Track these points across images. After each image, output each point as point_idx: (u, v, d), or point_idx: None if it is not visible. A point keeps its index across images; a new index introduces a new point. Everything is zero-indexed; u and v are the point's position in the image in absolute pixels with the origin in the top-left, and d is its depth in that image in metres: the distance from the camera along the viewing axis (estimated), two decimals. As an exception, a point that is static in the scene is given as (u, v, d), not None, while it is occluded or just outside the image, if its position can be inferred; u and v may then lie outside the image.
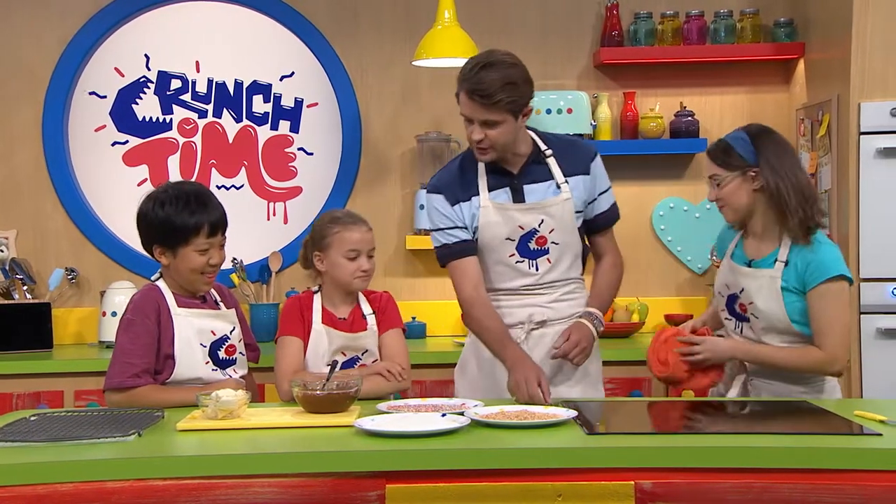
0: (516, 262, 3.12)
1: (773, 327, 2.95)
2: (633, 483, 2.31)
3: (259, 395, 3.43)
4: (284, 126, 4.75)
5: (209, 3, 4.72)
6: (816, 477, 2.29)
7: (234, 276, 4.57)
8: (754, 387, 3.02)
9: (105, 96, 4.71)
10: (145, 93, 4.73)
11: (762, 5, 4.65)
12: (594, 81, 4.71)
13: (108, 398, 2.97)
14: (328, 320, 3.15)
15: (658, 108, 4.64)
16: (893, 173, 3.99)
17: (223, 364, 3.05)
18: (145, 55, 4.71)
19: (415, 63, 4.39)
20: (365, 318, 3.18)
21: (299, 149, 4.76)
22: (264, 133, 4.75)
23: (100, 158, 4.72)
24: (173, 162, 4.74)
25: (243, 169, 4.76)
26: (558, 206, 3.09)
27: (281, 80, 4.75)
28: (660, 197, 4.73)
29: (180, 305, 3.01)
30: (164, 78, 4.72)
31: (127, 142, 4.73)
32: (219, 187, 4.71)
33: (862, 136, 4.00)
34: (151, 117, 4.73)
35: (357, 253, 3.13)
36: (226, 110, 4.75)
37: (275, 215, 4.78)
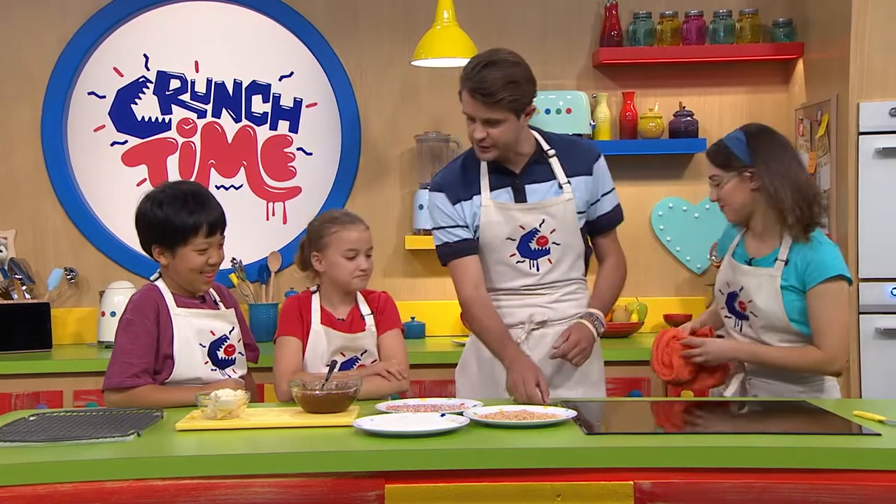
0: (517, 261, 3.11)
1: (771, 326, 2.96)
2: (633, 483, 2.31)
3: (258, 395, 3.43)
4: (283, 126, 4.75)
5: (208, 3, 4.72)
6: (816, 477, 2.29)
7: (234, 276, 4.57)
8: (752, 386, 3.03)
9: (104, 96, 4.71)
10: (144, 93, 4.73)
11: (761, 5, 4.65)
12: (593, 81, 4.71)
13: (108, 398, 2.97)
14: (327, 321, 3.15)
15: (657, 108, 4.64)
16: (892, 173, 4.00)
17: (222, 364, 3.04)
18: (144, 55, 4.71)
19: (414, 63, 4.39)
20: (363, 319, 3.18)
21: (298, 149, 4.76)
22: (263, 133, 4.75)
23: (99, 158, 4.72)
24: (172, 162, 4.74)
25: (242, 169, 4.76)
26: (560, 206, 3.08)
27: (280, 80, 4.74)
28: (659, 197, 4.73)
29: (179, 305, 3.01)
30: (163, 78, 4.72)
31: (126, 142, 4.73)
32: (218, 187, 4.71)
33: (861, 136, 4.00)
34: (150, 117, 4.73)
35: (355, 252, 3.13)
36: (225, 110, 4.75)
37: (274, 215, 4.78)
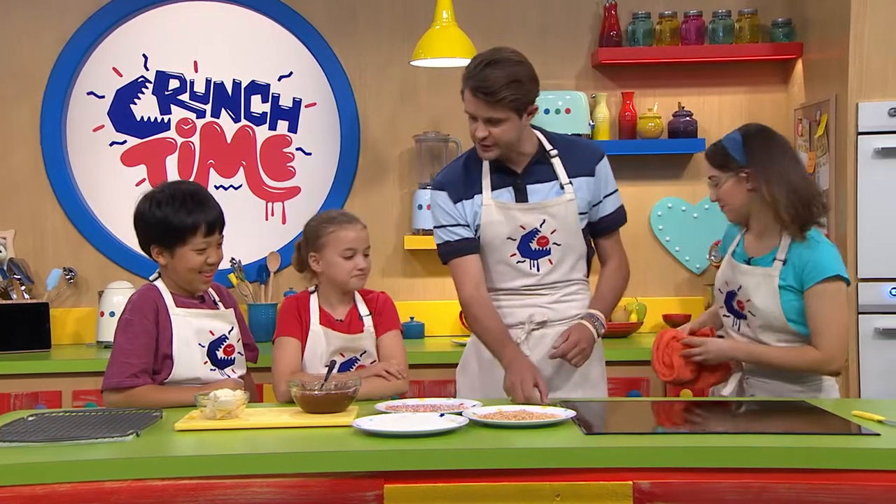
0: (517, 261, 3.11)
1: (769, 325, 2.96)
2: (632, 483, 2.31)
3: (257, 395, 3.43)
4: (283, 126, 4.75)
5: (207, 2, 4.72)
6: (815, 477, 2.29)
7: (233, 276, 4.57)
8: (750, 385, 3.03)
9: (103, 96, 4.71)
10: (143, 93, 4.73)
11: (760, 5, 4.66)
12: (592, 81, 4.72)
13: (107, 398, 2.97)
14: (325, 321, 3.14)
15: (656, 108, 4.64)
16: (891, 173, 4.00)
17: (221, 364, 3.04)
18: (143, 55, 4.71)
19: (413, 63, 4.39)
20: (362, 320, 3.17)
21: (297, 149, 4.76)
22: (262, 133, 4.75)
23: (98, 158, 4.72)
24: (171, 162, 4.74)
25: (241, 169, 4.76)
26: (561, 206, 3.08)
27: (279, 80, 4.74)
28: (658, 197, 4.73)
29: (178, 305, 3.01)
30: (163, 78, 4.72)
31: (125, 142, 4.73)
32: (217, 187, 4.71)
33: (860, 137, 4.01)
34: (149, 117, 4.73)
35: (353, 252, 3.12)
36: (224, 110, 4.75)
37: (273, 215, 4.78)
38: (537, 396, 2.84)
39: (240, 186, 4.75)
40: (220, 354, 3.04)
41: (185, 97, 4.73)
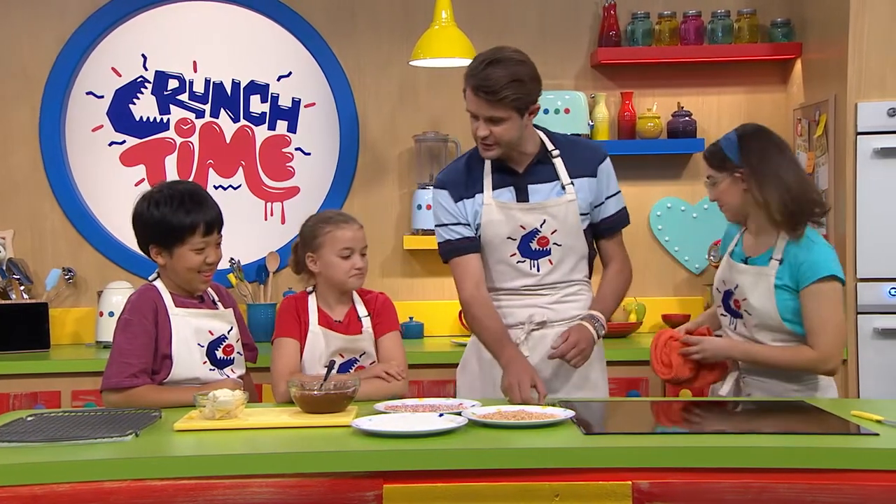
0: (517, 261, 3.10)
1: (764, 324, 2.97)
2: (631, 483, 2.30)
3: (257, 396, 3.43)
4: (282, 126, 4.75)
5: (206, 3, 4.72)
6: (814, 477, 2.29)
7: (232, 277, 4.57)
8: (747, 384, 3.04)
9: (102, 96, 4.71)
10: (142, 93, 4.72)
11: (759, 5, 4.66)
12: (592, 81, 4.71)
13: (106, 398, 2.97)
14: (324, 322, 3.14)
15: (655, 108, 4.64)
16: (890, 173, 4.00)
17: (221, 364, 3.04)
18: (142, 55, 4.71)
19: (412, 63, 4.39)
20: (360, 321, 3.17)
21: (297, 149, 4.76)
22: (262, 133, 4.75)
23: (97, 158, 4.72)
24: (170, 162, 4.73)
25: (241, 169, 4.76)
26: (561, 207, 3.07)
27: (278, 80, 4.74)
28: (657, 197, 4.73)
29: (178, 305, 3.01)
30: (162, 78, 4.72)
31: (124, 142, 4.73)
32: (216, 187, 4.71)
33: (859, 137, 4.01)
34: (149, 117, 4.73)
35: (350, 251, 3.12)
36: (223, 110, 4.75)
37: (272, 215, 4.78)
38: (535, 398, 2.84)
39: (239, 186, 4.75)
40: (219, 354, 3.04)
41: (184, 97, 4.73)
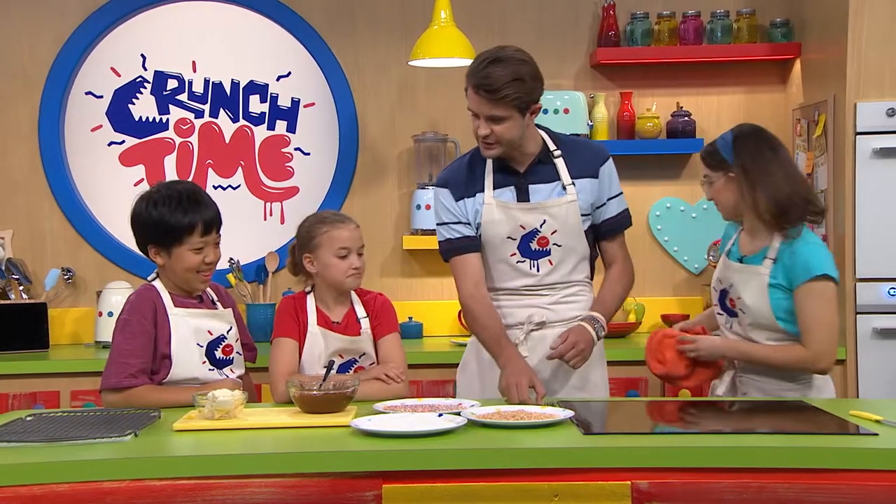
0: (517, 261, 3.10)
1: (758, 323, 2.98)
2: (630, 483, 2.30)
3: (256, 395, 3.43)
4: (281, 126, 4.75)
5: (205, 2, 4.72)
6: (813, 477, 2.29)
7: (231, 277, 4.57)
8: (742, 383, 3.05)
9: (101, 96, 4.71)
10: (142, 93, 4.72)
11: (758, 5, 4.66)
12: (591, 81, 4.72)
13: (105, 398, 2.96)
14: (323, 322, 3.14)
15: (655, 108, 4.64)
16: (889, 173, 4.00)
17: (220, 364, 3.04)
18: (142, 55, 4.71)
19: (411, 63, 4.39)
20: (359, 322, 3.16)
21: (296, 149, 4.76)
22: (261, 133, 4.75)
23: (96, 158, 4.72)
24: (170, 162, 4.73)
25: (240, 169, 4.76)
26: (562, 207, 3.06)
27: (278, 80, 4.74)
28: (656, 197, 4.73)
29: (177, 305, 3.01)
30: (161, 78, 4.72)
31: (123, 142, 4.73)
32: (215, 187, 4.71)
33: (858, 137, 4.01)
34: (148, 117, 4.73)
35: (347, 251, 3.11)
36: (222, 110, 4.75)
37: (271, 215, 4.78)
38: (533, 398, 2.83)
39: (238, 186, 4.75)
40: (218, 354, 3.04)
41: (183, 97, 4.73)
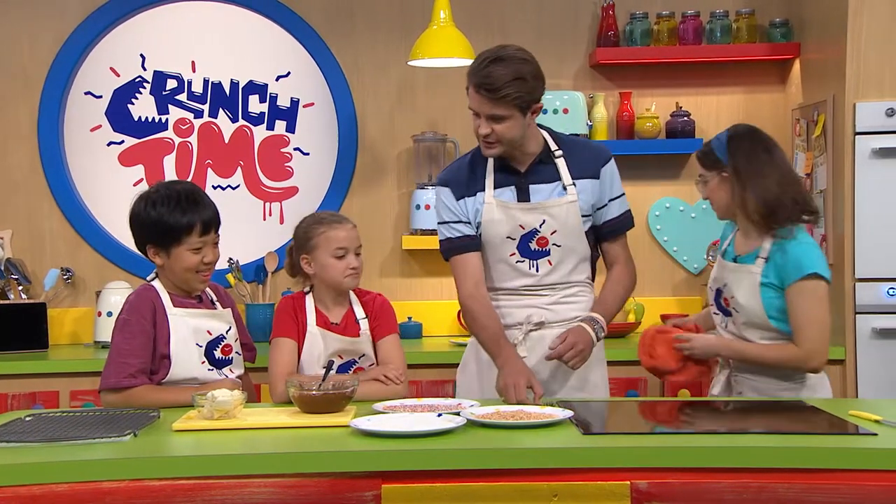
0: (517, 261, 3.10)
1: (751, 322, 2.99)
2: (629, 483, 2.30)
3: (255, 395, 3.42)
4: (280, 126, 4.75)
5: (205, 2, 4.72)
6: (812, 477, 2.29)
7: (231, 277, 4.57)
8: (738, 382, 3.06)
9: (101, 96, 4.71)
10: (141, 93, 4.72)
11: (758, 6, 4.66)
12: (590, 81, 4.72)
13: (104, 398, 2.96)
14: (322, 323, 3.13)
15: (654, 108, 4.64)
16: (888, 174, 4.00)
17: (219, 364, 3.04)
18: (141, 55, 4.71)
19: (410, 63, 4.39)
20: (358, 323, 3.15)
21: (295, 149, 4.76)
22: (260, 133, 4.75)
23: (95, 158, 4.72)
24: (169, 162, 4.73)
25: (239, 169, 4.76)
26: (562, 207, 3.06)
27: (277, 80, 4.74)
28: (655, 197, 4.73)
29: (176, 305, 3.01)
30: (160, 78, 4.72)
31: (123, 142, 4.73)
32: (214, 187, 4.71)
33: (857, 137, 4.01)
34: (147, 117, 4.73)
35: (345, 251, 3.11)
36: (222, 110, 4.75)
37: (271, 215, 4.77)
38: (531, 398, 2.83)
39: (237, 186, 4.75)
40: (217, 354, 3.04)
41: (182, 97, 4.73)
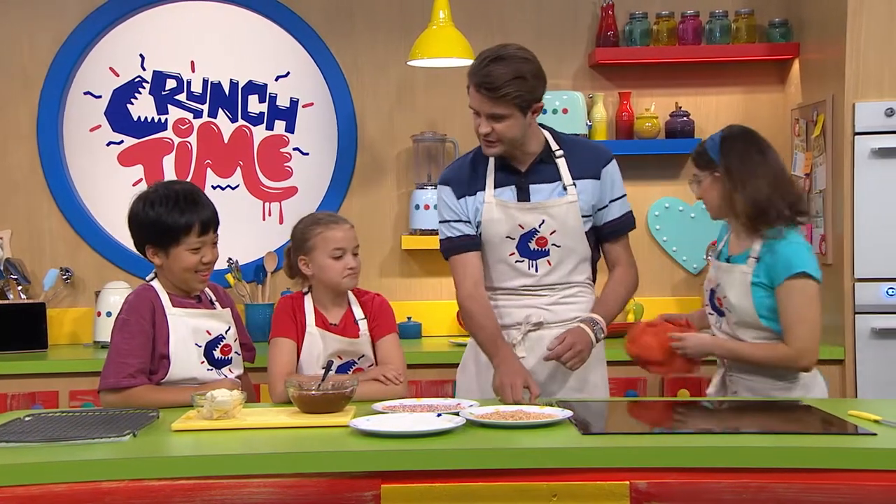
0: (516, 261, 3.09)
1: (743, 322, 3.00)
2: (629, 483, 2.30)
3: (255, 395, 3.42)
4: (280, 126, 4.75)
5: (204, 2, 4.72)
6: (811, 477, 2.29)
7: (230, 277, 4.57)
8: (732, 382, 3.07)
9: (100, 96, 4.71)
10: (140, 93, 4.72)
11: (757, 6, 4.66)
12: (590, 82, 4.72)
13: (103, 398, 2.96)
14: (320, 323, 3.13)
15: (653, 108, 4.64)
16: (888, 174, 4.00)
17: (218, 364, 3.04)
18: (140, 55, 4.71)
19: (410, 63, 4.39)
20: (357, 324, 3.14)
21: (295, 149, 4.76)
22: (260, 133, 4.75)
23: (95, 158, 4.72)
24: (168, 162, 4.73)
25: (238, 169, 4.76)
26: (562, 207, 3.05)
27: (276, 80, 4.74)
28: (655, 197, 4.73)
29: (175, 305, 3.01)
30: (160, 78, 4.72)
31: (122, 142, 4.73)
32: (214, 187, 4.71)
33: (856, 137, 4.01)
34: (146, 117, 4.73)
35: (342, 251, 3.10)
36: (221, 110, 4.74)
37: (270, 215, 4.77)
38: (527, 398, 2.83)
39: (237, 186, 4.75)
40: (216, 354, 3.04)
41: (182, 97, 4.73)
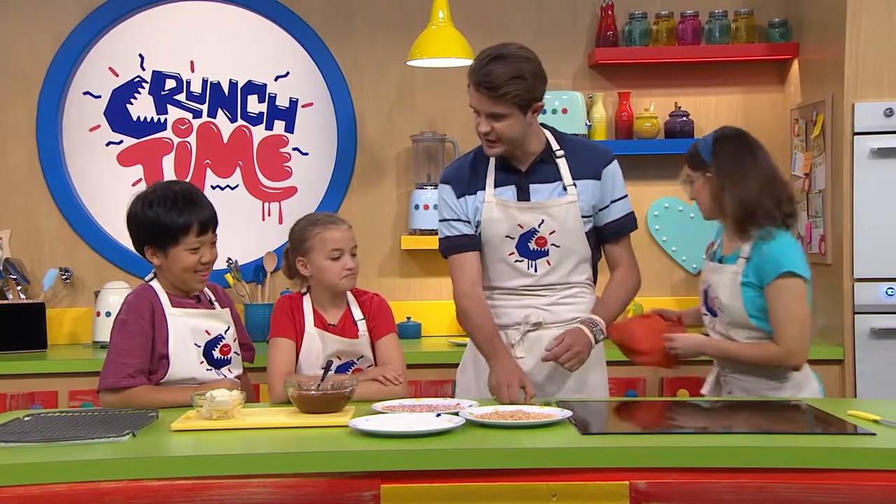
0: (515, 261, 3.09)
1: (734, 322, 3.01)
2: (628, 483, 2.30)
3: (254, 395, 3.42)
4: (279, 126, 4.75)
5: (204, 2, 4.72)
6: (811, 476, 2.29)
7: (229, 277, 4.57)
8: (727, 381, 3.08)
9: (99, 96, 4.71)
10: (140, 93, 4.72)
11: (756, 6, 4.66)
12: (589, 82, 4.72)
13: (103, 398, 2.96)
14: (319, 324, 3.12)
15: (653, 108, 4.64)
16: (887, 174, 4.01)
17: (218, 364, 3.04)
18: (140, 55, 4.71)
19: (409, 63, 4.39)
20: (356, 325, 3.14)
21: (294, 149, 4.76)
22: (259, 133, 4.75)
23: (94, 158, 4.71)
24: (168, 162, 4.73)
25: (238, 169, 4.76)
26: (561, 208, 3.05)
27: (276, 80, 4.74)
28: (654, 197, 4.74)
29: (174, 305, 3.01)
30: (159, 78, 4.72)
31: (121, 142, 4.73)
32: (213, 187, 4.71)
33: (856, 137, 4.01)
34: (146, 117, 4.73)
35: (340, 252, 3.10)
36: (220, 110, 4.74)
37: (270, 215, 4.77)
38: (522, 398, 2.83)
39: (236, 186, 4.75)
40: (216, 354, 3.04)
41: (181, 97, 4.73)
